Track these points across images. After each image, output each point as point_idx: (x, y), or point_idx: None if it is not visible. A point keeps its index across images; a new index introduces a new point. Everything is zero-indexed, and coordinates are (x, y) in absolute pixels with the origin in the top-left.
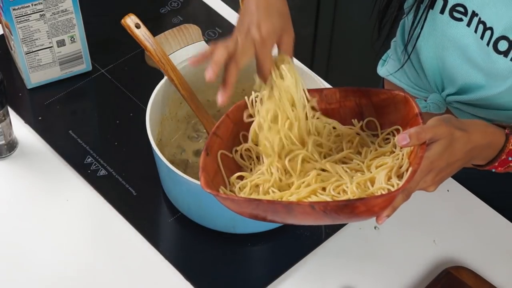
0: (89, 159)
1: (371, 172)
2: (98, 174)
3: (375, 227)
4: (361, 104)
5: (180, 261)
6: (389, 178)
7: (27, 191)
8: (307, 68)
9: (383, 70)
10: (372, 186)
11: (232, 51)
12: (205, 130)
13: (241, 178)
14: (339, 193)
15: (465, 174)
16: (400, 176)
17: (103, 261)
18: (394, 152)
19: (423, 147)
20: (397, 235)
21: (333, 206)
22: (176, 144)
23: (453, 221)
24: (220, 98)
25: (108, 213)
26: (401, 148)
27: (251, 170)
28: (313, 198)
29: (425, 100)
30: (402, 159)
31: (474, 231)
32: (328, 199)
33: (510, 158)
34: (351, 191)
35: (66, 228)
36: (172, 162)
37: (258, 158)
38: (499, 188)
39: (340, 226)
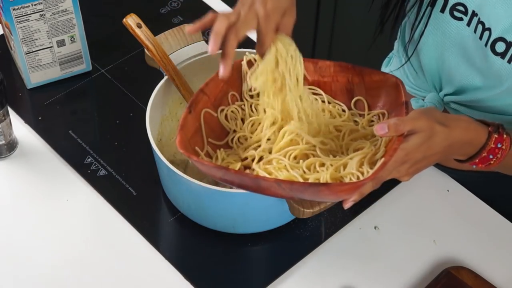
0: (89, 159)
1: (348, 154)
2: (98, 174)
3: (375, 227)
4: (353, 82)
5: (180, 261)
6: (361, 165)
7: (27, 191)
8: None
9: (386, 70)
10: (344, 169)
11: (233, 21)
12: None
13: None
14: (309, 169)
15: (466, 176)
16: (373, 163)
17: (103, 261)
18: (375, 136)
19: (399, 139)
20: (397, 235)
21: (298, 186)
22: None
23: (453, 221)
24: (222, 71)
25: (108, 213)
26: None
27: (234, 131)
28: (283, 172)
29: (423, 100)
30: (380, 145)
31: (474, 231)
32: (297, 176)
33: (491, 156)
34: (324, 178)
35: (66, 228)
36: (172, 162)
37: (243, 120)
38: (500, 190)
39: (340, 226)
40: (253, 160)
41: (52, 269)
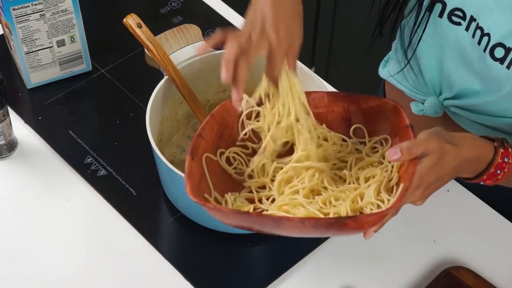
0: (89, 159)
1: (359, 184)
2: (98, 174)
3: None
4: (350, 110)
5: (180, 261)
6: (379, 193)
7: (27, 191)
8: (307, 68)
9: (384, 71)
10: (361, 200)
11: (243, 46)
12: None
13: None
14: (325, 204)
15: None
16: (389, 190)
17: (103, 261)
18: (382, 162)
19: (414, 162)
20: (397, 235)
21: (323, 222)
22: (176, 144)
23: (453, 221)
24: (234, 96)
25: (108, 213)
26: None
27: (235, 174)
28: (300, 210)
29: (423, 103)
30: (392, 171)
31: (474, 231)
32: (317, 212)
33: (498, 171)
34: (344, 210)
35: (66, 228)
36: (172, 162)
37: (246, 162)
38: (500, 190)
39: None
40: (260, 201)
41: (52, 269)
